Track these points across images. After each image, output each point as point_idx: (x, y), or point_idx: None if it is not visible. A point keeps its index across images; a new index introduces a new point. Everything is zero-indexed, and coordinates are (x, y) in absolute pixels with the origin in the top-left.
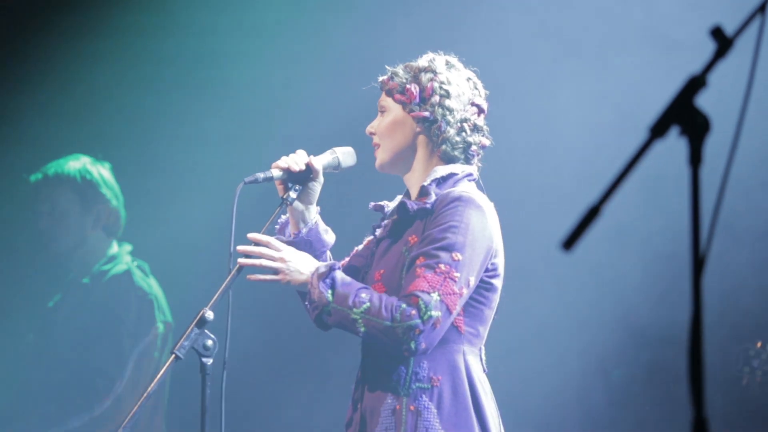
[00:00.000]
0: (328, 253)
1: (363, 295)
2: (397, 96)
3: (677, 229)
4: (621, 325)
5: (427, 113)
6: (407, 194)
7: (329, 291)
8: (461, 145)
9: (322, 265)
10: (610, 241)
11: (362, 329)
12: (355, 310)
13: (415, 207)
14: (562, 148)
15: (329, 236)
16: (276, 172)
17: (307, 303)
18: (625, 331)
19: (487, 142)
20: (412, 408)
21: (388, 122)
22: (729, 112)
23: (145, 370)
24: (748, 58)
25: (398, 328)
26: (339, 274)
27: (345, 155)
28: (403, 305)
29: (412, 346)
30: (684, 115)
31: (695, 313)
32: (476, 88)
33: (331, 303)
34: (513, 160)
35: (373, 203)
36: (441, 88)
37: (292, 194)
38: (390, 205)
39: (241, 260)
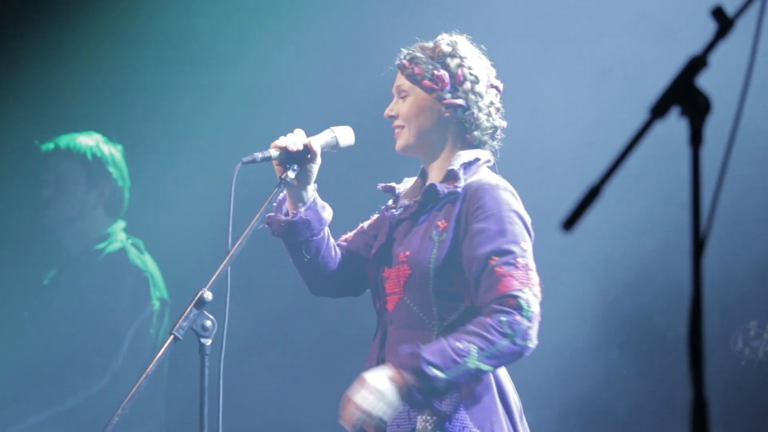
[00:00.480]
0: (326, 229)
1: (459, 344)
2: (426, 82)
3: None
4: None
5: (461, 101)
6: (423, 176)
7: (436, 369)
8: (490, 130)
9: (400, 365)
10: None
11: (487, 368)
12: (468, 359)
13: (446, 191)
14: (552, 128)
15: (327, 213)
16: (274, 152)
17: (419, 396)
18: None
19: (505, 123)
20: None
21: (415, 106)
22: (730, 93)
23: (141, 347)
24: (750, 39)
25: (515, 339)
26: (424, 352)
27: (343, 134)
28: (503, 318)
29: (530, 345)
30: (685, 96)
31: (695, 294)
32: (489, 68)
33: (446, 376)
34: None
35: (382, 184)
36: (470, 73)
37: (291, 174)
38: (400, 188)
39: None
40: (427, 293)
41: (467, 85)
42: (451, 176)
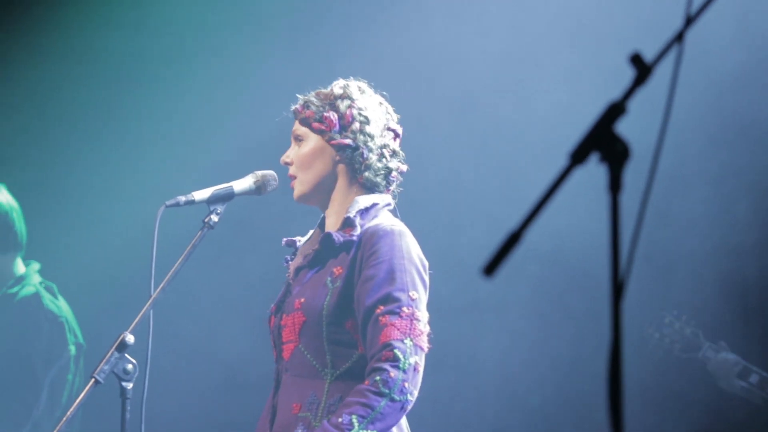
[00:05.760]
0: None
1: (340, 419)
2: (316, 124)
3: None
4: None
5: (348, 140)
6: (322, 224)
7: None
8: (383, 172)
9: None
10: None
11: None
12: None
13: (342, 239)
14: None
15: None
16: (197, 196)
17: None
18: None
19: (404, 167)
20: None
21: (307, 152)
22: (649, 136)
23: (59, 394)
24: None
25: (393, 395)
26: None
27: (267, 179)
28: (377, 377)
29: (409, 398)
30: (604, 142)
31: (614, 338)
32: (389, 113)
33: None
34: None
35: (285, 239)
36: (360, 114)
37: (214, 218)
38: (302, 240)
39: None
40: (321, 340)
41: (356, 125)
42: (347, 224)
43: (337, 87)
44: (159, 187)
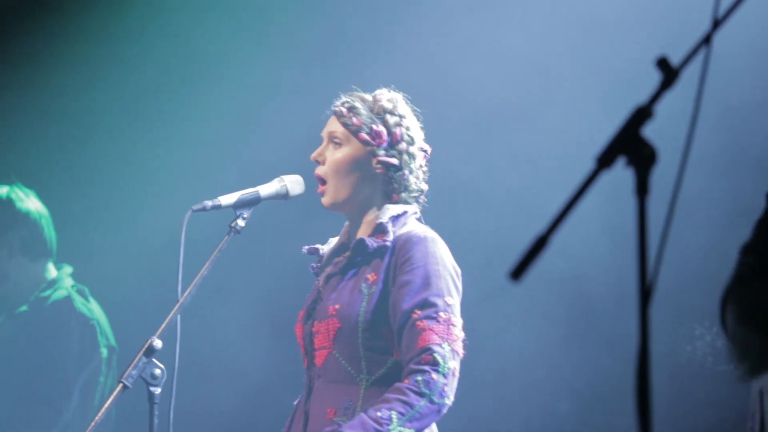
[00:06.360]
0: None
1: (378, 414)
2: (363, 135)
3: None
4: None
5: (395, 160)
6: (349, 233)
7: None
8: (416, 193)
9: None
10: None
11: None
12: (390, 427)
13: (375, 245)
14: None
15: None
16: (224, 200)
17: None
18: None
19: (426, 187)
20: None
21: (346, 159)
22: (676, 141)
23: (90, 396)
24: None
25: (433, 397)
26: (345, 429)
27: (293, 184)
28: (419, 377)
29: (447, 402)
30: (630, 146)
31: (642, 342)
32: (420, 130)
33: None
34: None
35: (306, 247)
36: (408, 134)
37: (240, 222)
38: (324, 248)
39: None
40: (356, 346)
41: (403, 145)
42: (380, 230)
43: (385, 100)
44: (186, 191)
